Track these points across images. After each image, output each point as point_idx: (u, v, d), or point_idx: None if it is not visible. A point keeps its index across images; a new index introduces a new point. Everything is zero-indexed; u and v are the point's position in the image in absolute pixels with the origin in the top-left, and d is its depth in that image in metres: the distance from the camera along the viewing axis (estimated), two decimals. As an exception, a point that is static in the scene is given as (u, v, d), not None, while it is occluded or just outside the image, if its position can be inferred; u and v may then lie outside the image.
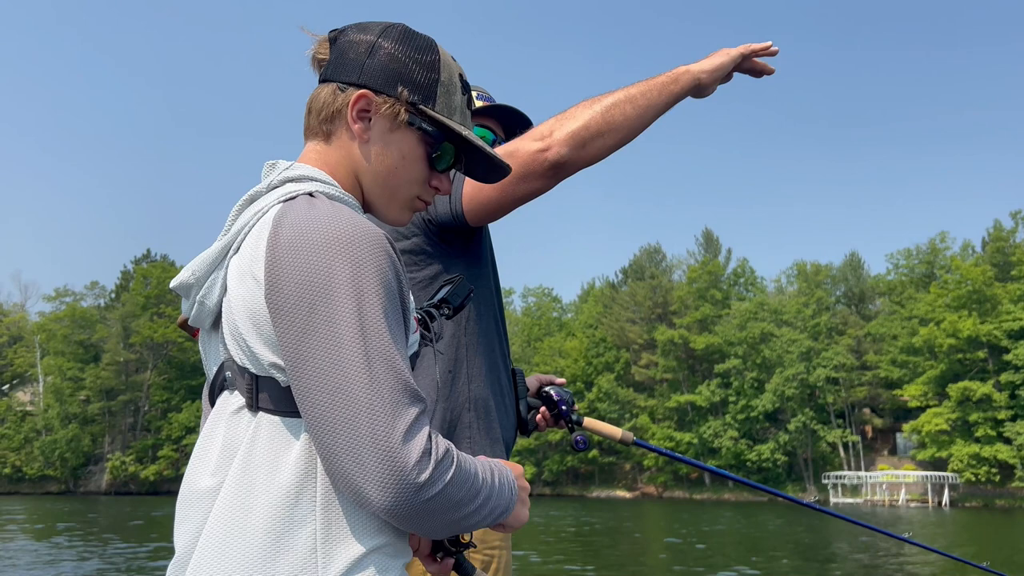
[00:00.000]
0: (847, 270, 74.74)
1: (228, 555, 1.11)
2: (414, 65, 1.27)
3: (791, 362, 64.57)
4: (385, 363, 1.07)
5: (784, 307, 68.30)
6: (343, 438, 1.05)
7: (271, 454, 1.14)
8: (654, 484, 71.09)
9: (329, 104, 1.28)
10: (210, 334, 1.29)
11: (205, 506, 1.16)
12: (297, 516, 1.11)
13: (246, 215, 1.23)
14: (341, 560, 1.11)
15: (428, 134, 1.28)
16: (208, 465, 1.19)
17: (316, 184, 1.23)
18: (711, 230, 77.58)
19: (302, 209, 1.15)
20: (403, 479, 1.04)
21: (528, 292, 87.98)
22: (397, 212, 1.33)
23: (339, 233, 1.11)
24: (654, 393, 71.97)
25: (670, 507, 52.17)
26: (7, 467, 71.25)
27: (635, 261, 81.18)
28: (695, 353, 69.82)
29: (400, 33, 1.29)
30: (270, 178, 1.26)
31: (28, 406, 77.38)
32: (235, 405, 1.19)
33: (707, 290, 71.23)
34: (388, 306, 1.11)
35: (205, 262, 1.23)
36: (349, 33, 1.30)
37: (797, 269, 72.93)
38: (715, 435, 66.44)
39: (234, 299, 1.18)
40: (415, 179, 1.31)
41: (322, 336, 1.07)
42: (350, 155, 1.28)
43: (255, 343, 1.15)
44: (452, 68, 1.33)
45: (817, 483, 64.93)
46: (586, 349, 73.50)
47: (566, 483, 74.18)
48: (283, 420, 1.15)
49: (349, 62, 1.27)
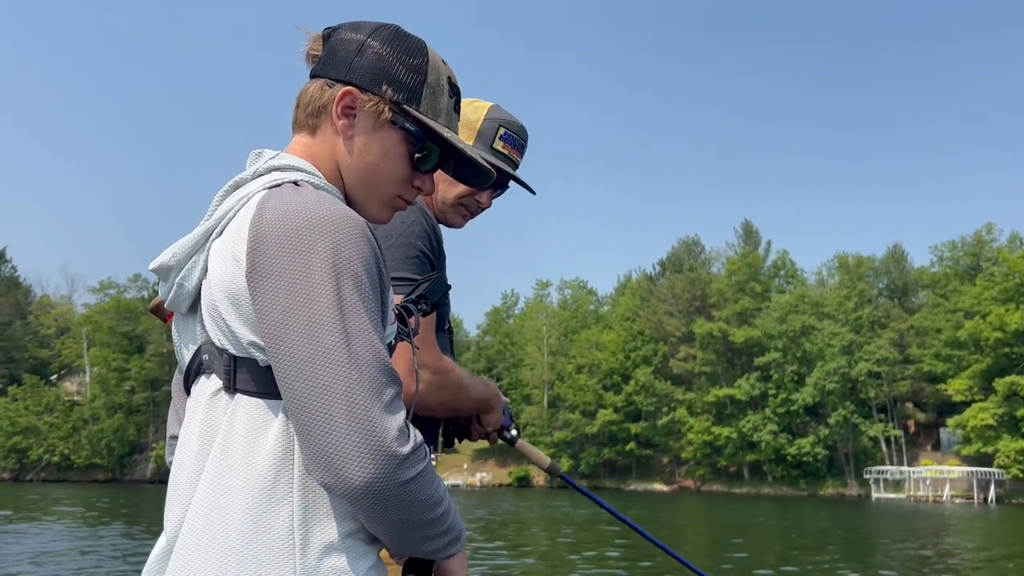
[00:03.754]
0: (890, 262, 73.50)
1: (209, 538, 1.11)
2: (401, 66, 1.28)
3: (832, 355, 63.72)
4: (364, 341, 1.09)
5: (825, 300, 67.39)
6: (320, 414, 1.05)
7: (249, 436, 1.14)
8: (692, 478, 70.68)
9: (316, 99, 1.29)
10: (186, 318, 1.29)
11: (189, 491, 1.17)
12: (275, 498, 1.12)
13: (230, 200, 1.23)
14: (317, 543, 1.12)
15: (411, 134, 1.29)
16: (190, 451, 1.19)
17: (302, 174, 1.24)
18: (750, 222, 76.83)
19: (287, 195, 1.16)
20: (383, 452, 1.04)
21: (564, 285, 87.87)
22: (377, 209, 1.34)
23: (322, 216, 1.12)
24: (692, 386, 71.47)
25: (709, 501, 51.84)
26: (56, 455, 72.91)
27: (673, 253, 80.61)
28: (734, 346, 69.20)
29: (390, 34, 1.30)
30: (255, 166, 1.27)
31: (75, 396, 79.08)
32: (212, 388, 1.19)
33: (746, 282, 70.50)
34: (368, 288, 1.12)
35: (187, 245, 1.23)
36: (342, 32, 1.32)
37: (838, 261, 71.88)
38: (754, 429, 65.84)
39: (214, 280, 1.18)
40: (396, 178, 1.31)
41: (301, 314, 1.08)
42: (334, 149, 1.29)
43: (234, 322, 1.15)
44: (441, 71, 1.33)
45: (859, 478, 64.08)
46: (623, 342, 73.19)
47: (603, 476, 74.03)
48: (261, 401, 1.16)
49: (339, 59, 1.29)
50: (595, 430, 71.43)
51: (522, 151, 2.21)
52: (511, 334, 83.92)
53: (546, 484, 74.55)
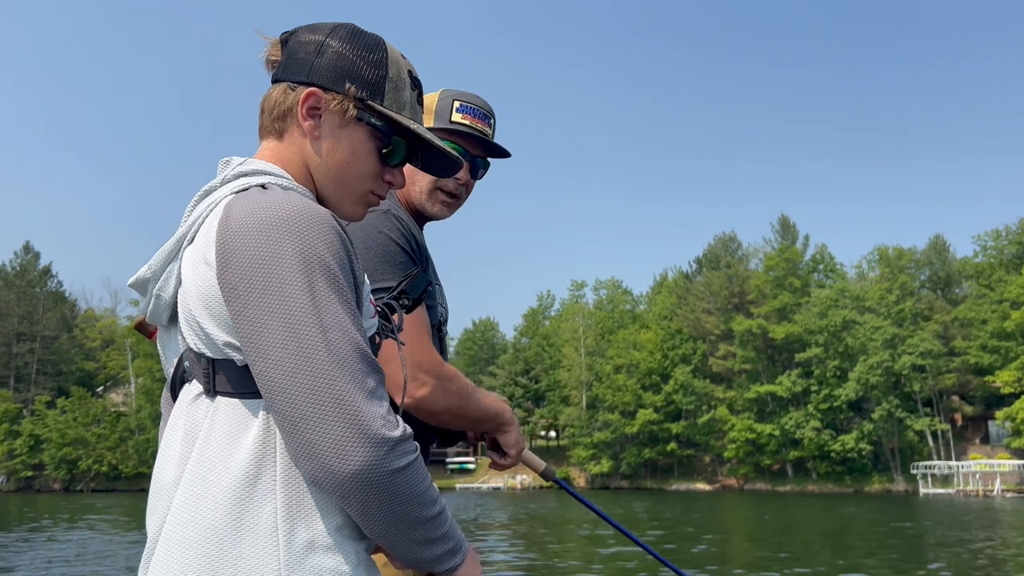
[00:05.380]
0: (931, 253, 72.24)
1: (188, 540, 1.11)
2: (361, 63, 1.29)
3: (875, 350, 62.80)
4: (341, 332, 1.09)
5: (866, 293, 66.43)
6: (304, 407, 1.05)
7: (228, 436, 1.15)
8: (735, 476, 70.05)
9: (280, 103, 1.30)
10: (168, 330, 1.30)
11: (170, 495, 1.17)
12: (257, 496, 1.12)
13: (200, 208, 1.24)
14: (302, 538, 1.11)
15: (377, 129, 1.30)
16: (172, 456, 1.19)
17: (269, 177, 1.25)
18: (787, 216, 75.97)
19: (254, 196, 1.18)
20: (371, 438, 1.05)
21: (599, 285, 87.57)
22: (351, 207, 1.35)
23: (287, 213, 1.13)
24: (732, 384, 70.85)
25: (752, 500, 51.30)
26: (104, 465, 74.30)
27: (710, 250, 79.97)
28: (774, 342, 68.48)
29: (348, 32, 1.31)
30: (224, 173, 1.29)
31: (121, 407, 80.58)
32: (194, 393, 1.20)
33: (785, 278, 69.75)
34: (341, 279, 1.13)
35: (161, 256, 1.25)
36: (299, 34, 1.33)
37: (879, 254, 70.81)
38: (797, 426, 65.08)
39: (188, 286, 1.19)
40: (366, 174, 1.32)
41: (276, 310, 1.09)
42: (302, 151, 1.30)
43: (209, 325, 1.16)
44: (401, 64, 1.34)
45: (906, 473, 63.06)
46: (661, 341, 72.77)
47: (644, 476, 73.67)
48: (240, 402, 1.16)
49: (298, 62, 1.30)
50: (635, 430, 71.08)
51: (486, 120, 2.15)
52: (548, 336, 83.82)
53: (587, 486, 74.35)
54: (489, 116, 2.18)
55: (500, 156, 2.21)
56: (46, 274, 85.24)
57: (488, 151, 2.18)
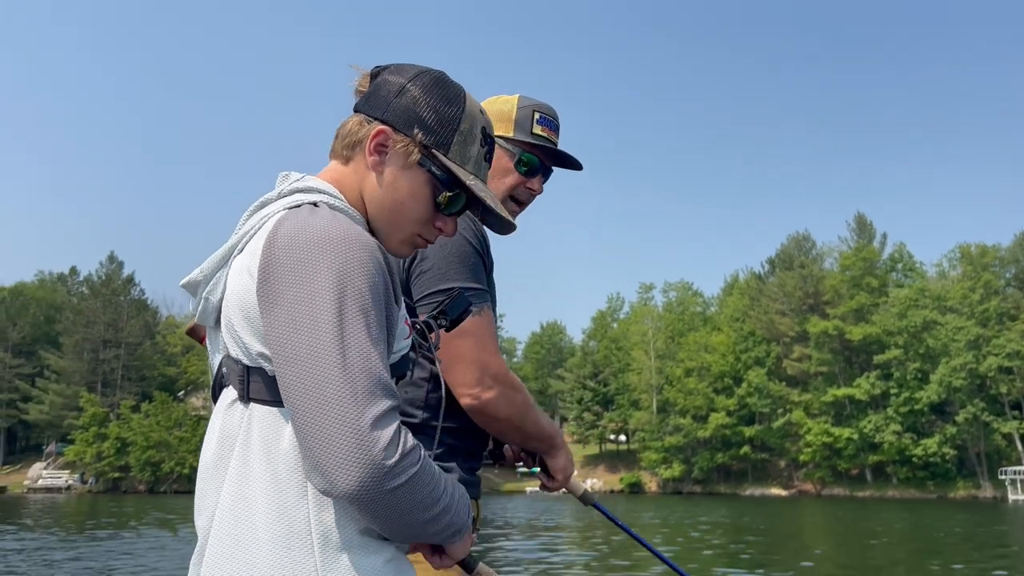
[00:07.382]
0: (1017, 250, 69.44)
1: (237, 551, 1.19)
2: (433, 112, 1.35)
3: (958, 351, 60.72)
4: (361, 355, 1.14)
5: (948, 293, 64.30)
6: (315, 423, 1.11)
7: (264, 446, 1.22)
8: (811, 481, 68.45)
9: (354, 133, 1.38)
10: (215, 333, 1.36)
11: (214, 499, 1.25)
12: (291, 502, 1.19)
13: (254, 219, 1.31)
14: (334, 541, 1.19)
15: (436, 177, 1.35)
16: (209, 458, 1.27)
17: (323, 196, 1.31)
18: (863, 214, 74.04)
19: (303, 215, 1.24)
20: (370, 462, 1.10)
21: (668, 287, 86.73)
22: (397, 244, 1.40)
23: (330, 235, 1.19)
24: (808, 387, 69.30)
25: (830, 505, 50.01)
26: (186, 468, 76.51)
27: (783, 250, 78.45)
28: (851, 344, 66.76)
29: (431, 80, 1.38)
30: (281, 187, 1.34)
31: (201, 411, 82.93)
32: (230, 398, 1.27)
33: (862, 278, 67.97)
34: (371, 306, 1.18)
35: (212, 261, 1.32)
36: (387, 72, 1.40)
37: (960, 252, 68.47)
38: (876, 430, 63.31)
39: (231, 294, 1.26)
40: (418, 218, 1.37)
41: (303, 327, 1.15)
42: (363, 181, 1.37)
43: (245, 334, 1.23)
44: (475, 120, 1.40)
45: (993, 479, 60.77)
46: (733, 343, 71.63)
47: (717, 481, 72.56)
48: (274, 410, 1.23)
49: (379, 99, 1.37)
50: (707, 434, 70.07)
51: (558, 132, 2.20)
52: (616, 339, 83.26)
53: (659, 491, 73.57)
54: (559, 126, 2.22)
55: (573, 168, 2.25)
56: (129, 283, 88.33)
57: (560, 162, 2.21)
